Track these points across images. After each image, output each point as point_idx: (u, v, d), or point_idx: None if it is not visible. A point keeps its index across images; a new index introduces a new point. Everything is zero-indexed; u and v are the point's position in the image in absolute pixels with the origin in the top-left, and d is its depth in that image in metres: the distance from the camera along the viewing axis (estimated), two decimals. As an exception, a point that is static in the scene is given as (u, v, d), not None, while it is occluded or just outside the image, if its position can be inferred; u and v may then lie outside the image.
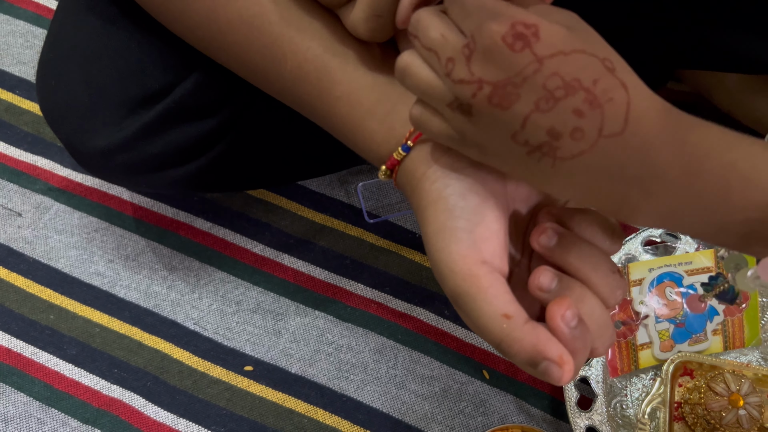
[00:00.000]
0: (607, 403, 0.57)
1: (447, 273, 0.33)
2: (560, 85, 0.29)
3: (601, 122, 0.29)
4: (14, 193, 0.66)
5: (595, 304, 0.34)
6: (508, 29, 0.29)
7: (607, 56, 0.30)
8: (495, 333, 0.32)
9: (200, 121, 0.52)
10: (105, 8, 0.51)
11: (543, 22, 0.30)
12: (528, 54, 0.29)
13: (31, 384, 0.58)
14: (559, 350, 0.32)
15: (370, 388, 0.59)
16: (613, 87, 0.29)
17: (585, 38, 0.30)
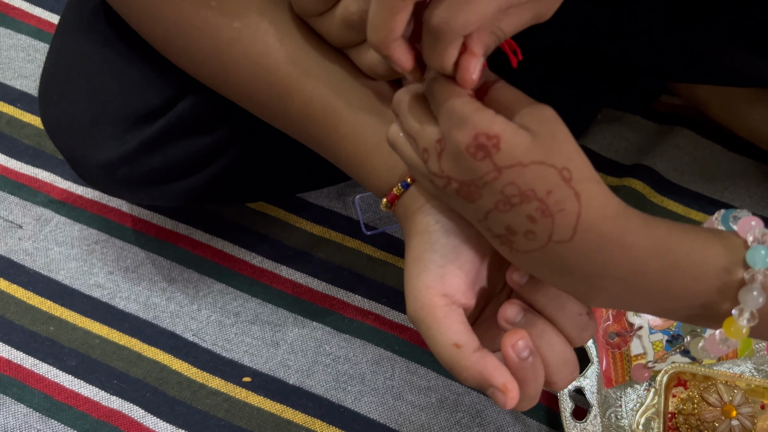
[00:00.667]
0: (602, 413, 0.57)
1: (411, 299, 0.37)
2: (517, 193, 0.32)
3: (551, 229, 0.32)
4: (15, 206, 0.67)
5: (555, 340, 0.36)
6: (471, 140, 0.32)
7: (566, 165, 0.32)
8: (446, 359, 0.36)
9: (201, 136, 0.52)
10: (107, 25, 0.52)
11: (505, 133, 0.32)
12: (488, 163, 0.32)
13: (31, 395, 0.58)
14: (503, 378, 0.35)
15: (367, 399, 0.60)
16: (566, 198, 0.32)
17: (548, 146, 0.32)
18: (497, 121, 0.32)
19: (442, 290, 0.37)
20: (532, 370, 0.36)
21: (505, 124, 0.32)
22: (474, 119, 0.32)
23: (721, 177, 0.70)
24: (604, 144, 0.71)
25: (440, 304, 0.37)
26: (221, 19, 0.44)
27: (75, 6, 0.55)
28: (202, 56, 0.45)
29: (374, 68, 0.42)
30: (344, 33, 0.42)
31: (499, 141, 0.32)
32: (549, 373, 0.37)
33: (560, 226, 0.32)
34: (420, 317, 0.37)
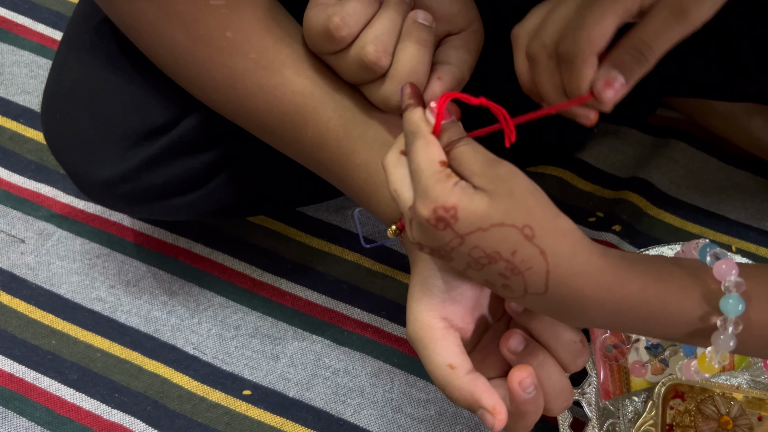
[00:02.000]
0: (600, 425, 0.57)
1: (411, 319, 0.39)
2: (483, 255, 0.33)
3: (524, 285, 0.34)
4: (17, 220, 0.67)
5: (554, 370, 0.38)
6: (431, 214, 0.33)
7: (527, 222, 0.33)
8: (439, 379, 0.38)
9: (202, 154, 0.53)
10: (110, 43, 0.53)
11: (462, 202, 0.33)
12: (450, 232, 0.33)
13: (33, 409, 0.59)
14: (493, 401, 0.37)
15: (366, 412, 0.60)
16: (532, 256, 0.33)
17: (506, 206, 0.33)
18: (454, 192, 0.33)
19: (442, 314, 0.39)
20: (534, 404, 0.38)
21: (461, 193, 0.33)
22: (433, 192, 0.34)
23: (716, 190, 0.71)
24: (600, 157, 0.72)
25: (439, 326, 0.38)
26: (236, 48, 0.45)
27: (78, 23, 0.56)
28: (213, 84, 0.46)
29: (387, 102, 0.43)
30: (359, 72, 0.43)
31: (457, 211, 0.33)
32: (546, 401, 0.38)
33: (532, 282, 0.34)
34: (419, 337, 0.39)
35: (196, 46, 0.45)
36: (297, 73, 0.44)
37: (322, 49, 0.44)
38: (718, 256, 0.35)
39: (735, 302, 0.34)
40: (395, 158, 0.37)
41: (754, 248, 0.68)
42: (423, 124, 0.36)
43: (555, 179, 0.70)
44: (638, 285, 0.34)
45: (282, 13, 0.47)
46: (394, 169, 0.37)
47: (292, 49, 0.45)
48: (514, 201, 0.33)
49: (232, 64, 0.45)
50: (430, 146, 0.35)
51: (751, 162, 0.71)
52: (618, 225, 0.68)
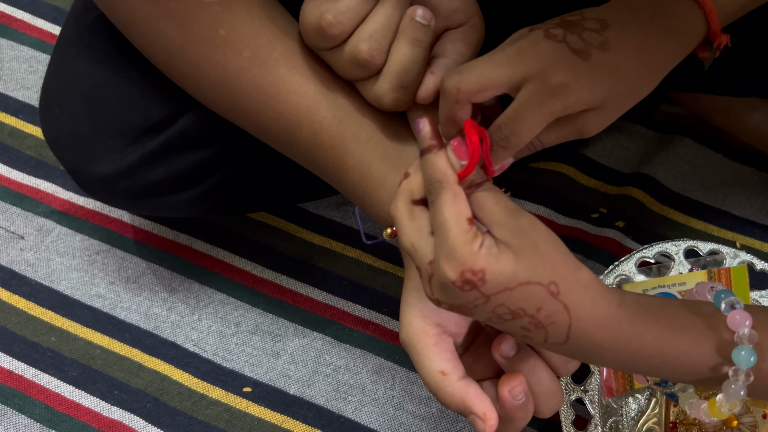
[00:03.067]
0: (603, 423, 0.57)
1: (405, 324, 0.39)
2: (507, 312, 0.34)
3: (545, 337, 0.35)
4: (17, 216, 0.67)
5: (544, 375, 0.39)
6: (458, 276, 0.33)
7: (552, 279, 0.33)
8: (431, 385, 0.38)
9: (201, 150, 0.53)
10: (107, 39, 0.53)
11: (490, 265, 0.33)
12: (476, 293, 0.33)
13: (32, 406, 0.59)
14: (484, 407, 0.38)
15: (368, 409, 0.59)
16: (556, 312, 0.34)
17: (531, 263, 0.33)
18: (482, 255, 0.33)
19: (436, 320, 0.39)
20: (523, 410, 0.38)
21: (488, 255, 0.33)
22: (461, 254, 0.33)
23: (721, 185, 0.70)
24: (604, 153, 0.71)
25: (432, 332, 0.39)
26: (230, 48, 0.44)
27: (75, 18, 0.55)
28: (208, 83, 0.46)
29: (379, 100, 0.42)
30: (353, 70, 0.42)
31: (485, 274, 0.33)
32: (537, 404, 0.39)
33: (553, 334, 0.34)
34: (412, 343, 0.39)
35: (190, 45, 0.45)
36: (291, 72, 0.44)
37: (316, 46, 0.43)
38: (734, 306, 0.36)
39: (747, 354, 0.35)
40: (406, 210, 0.36)
41: (759, 245, 0.67)
42: (450, 173, 0.35)
43: (558, 175, 0.70)
44: (653, 336, 0.35)
45: (277, 9, 0.46)
46: (409, 222, 0.36)
47: (287, 47, 0.44)
48: (539, 257, 0.33)
49: (225, 62, 0.44)
50: (458, 201, 0.34)
51: (756, 157, 0.71)
52: (621, 221, 0.67)
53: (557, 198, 0.69)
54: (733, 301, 0.36)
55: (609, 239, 0.66)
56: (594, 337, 0.34)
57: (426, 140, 0.36)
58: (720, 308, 0.36)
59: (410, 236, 0.36)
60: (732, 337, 0.35)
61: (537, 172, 0.70)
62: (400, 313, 0.40)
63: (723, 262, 0.61)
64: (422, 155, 0.36)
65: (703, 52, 0.42)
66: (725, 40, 0.41)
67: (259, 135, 0.47)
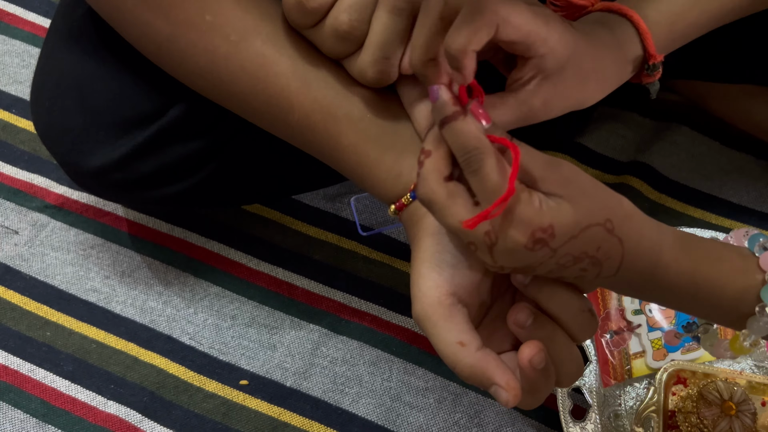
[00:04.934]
0: (601, 412, 0.57)
1: (419, 296, 0.38)
2: (571, 258, 0.35)
3: (599, 271, 0.36)
4: (11, 211, 0.67)
5: (563, 342, 0.38)
6: (529, 238, 0.33)
7: (609, 217, 0.34)
8: (449, 356, 0.37)
9: (193, 141, 0.52)
10: (96, 32, 0.52)
11: (555, 219, 0.34)
12: (546, 250, 0.34)
13: (28, 401, 0.58)
14: (506, 377, 0.37)
15: (365, 401, 0.59)
16: (612, 246, 0.35)
17: (586, 207, 0.34)
18: (545, 212, 0.34)
19: (450, 289, 0.38)
20: (545, 378, 0.37)
21: (549, 210, 0.34)
22: (526, 216, 0.33)
23: (718, 173, 0.70)
24: (601, 141, 0.71)
25: (447, 302, 0.37)
26: (217, 33, 0.44)
27: (64, 13, 0.55)
28: (198, 70, 0.45)
29: (363, 74, 0.41)
30: (336, 44, 0.42)
31: (554, 229, 0.34)
32: (558, 373, 0.38)
33: (607, 268, 0.36)
34: (427, 315, 0.38)
35: (178, 32, 0.44)
36: (278, 53, 0.43)
37: (298, 24, 0.43)
38: (767, 247, 0.37)
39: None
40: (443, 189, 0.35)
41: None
42: (484, 137, 0.34)
43: (554, 164, 0.70)
44: (690, 264, 0.36)
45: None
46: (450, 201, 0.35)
47: (273, 27, 0.44)
48: (591, 199, 0.34)
49: (213, 48, 0.44)
50: (503, 164, 0.34)
51: (754, 145, 0.70)
52: (618, 210, 0.67)
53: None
54: (766, 243, 0.38)
55: (606, 228, 0.66)
56: (640, 266, 0.36)
57: (448, 107, 0.35)
58: (753, 250, 0.38)
59: (456, 214, 0.35)
60: (763, 277, 0.36)
61: (533, 162, 0.70)
62: (412, 286, 0.38)
63: (721, 249, 0.61)
64: (444, 124, 0.35)
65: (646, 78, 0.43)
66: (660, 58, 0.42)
67: (252, 119, 0.46)
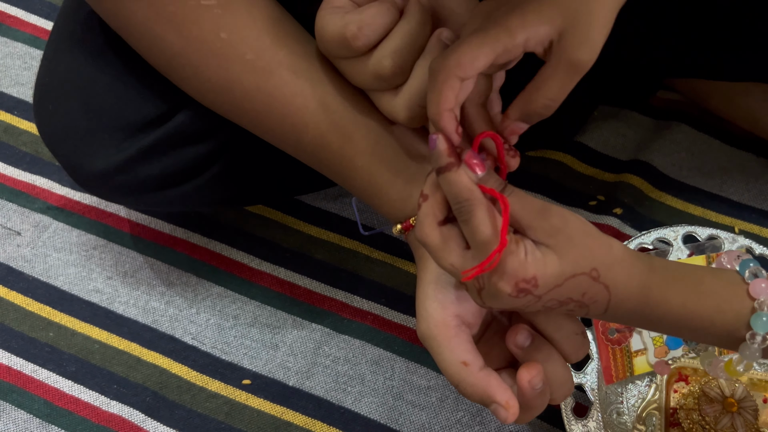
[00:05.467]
0: (603, 409, 0.57)
1: (424, 316, 0.40)
2: (556, 302, 0.36)
3: (587, 311, 0.37)
4: (13, 213, 0.67)
5: (558, 363, 0.40)
6: (513, 288, 0.35)
7: (593, 265, 0.35)
8: (453, 376, 0.39)
9: (196, 145, 0.52)
10: (99, 35, 0.52)
11: (539, 270, 0.35)
12: (530, 297, 0.35)
13: (31, 401, 0.59)
14: (505, 396, 0.38)
15: (367, 400, 0.59)
16: (598, 292, 0.36)
17: (573, 257, 0.35)
18: (530, 263, 0.35)
19: (455, 311, 0.40)
20: (542, 398, 0.39)
21: (535, 261, 0.35)
22: (511, 267, 0.35)
23: (719, 171, 0.70)
24: (602, 141, 0.71)
25: (452, 324, 0.39)
26: (232, 50, 0.44)
27: (67, 15, 0.55)
28: (209, 86, 0.45)
29: (396, 115, 0.42)
30: (372, 82, 0.42)
31: (537, 280, 0.35)
32: (552, 392, 0.40)
33: (594, 310, 0.37)
34: (432, 335, 0.39)
35: (190, 48, 0.44)
36: (295, 74, 0.44)
37: (335, 55, 0.43)
38: (757, 275, 0.38)
39: (766, 320, 0.37)
40: (437, 234, 0.37)
41: (757, 229, 0.67)
42: (475, 189, 0.35)
43: (556, 163, 0.70)
44: (680, 300, 0.37)
45: (279, 12, 0.46)
46: (443, 245, 0.37)
47: (290, 50, 0.44)
48: (578, 249, 0.35)
49: (227, 65, 0.44)
50: (493, 216, 0.35)
51: (754, 143, 0.70)
52: (619, 208, 0.67)
53: (555, 186, 0.68)
54: (756, 270, 0.38)
55: (607, 226, 0.66)
56: (627, 305, 0.37)
57: (443, 158, 0.36)
58: (744, 276, 0.38)
59: (449, 257, 0.36)
60: (752, 304, 0.37)
61: (534, 161, 0.70)
62: (418, 306, 0.40)
63: (721, 246, 0.61)
64: (440, 173, 0.36)
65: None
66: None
67: (263, 136, 0.47)
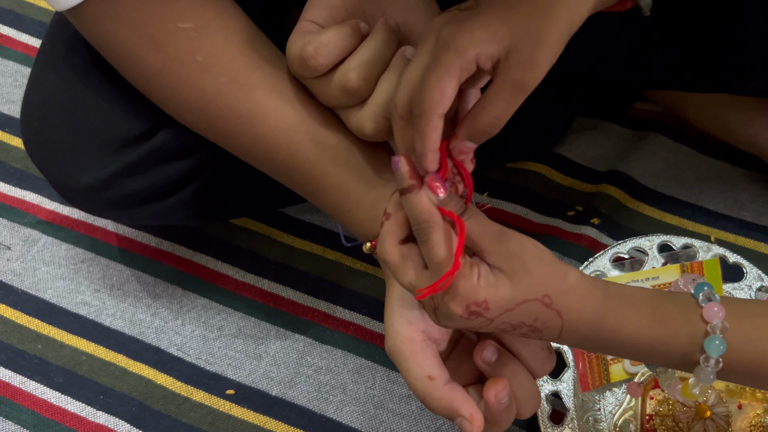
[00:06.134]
0: (579, 417, 0.58)
1: (392, 332, 0.41)
2: (509, 326, 0.37)
3: (541, 336, 0.39)
4: (3, 227, 0.68)
5: (525, 378, 0.41)
6: (464, 310, 0.36)
7: (546, 292, 0.36)
8: (419, 390, 0.40)
9: (179, 161, 0.54)
10: (84, 54, 0.54)
11: (490, 294, 0.36)
12: (482, 319, 0.36)
13: (19, 412, 0.60)
14: (470, 409, 0.39)
15: (349, 409, 0.60)
16: (550, 318, 0.37)
17: (526, 283, 0.36)
18: (482, 287, 0.36)
19: (421, 327, 0.41)
20: (508, 412, 0.40)
21: (487, 285, 0.36)
22: (463, 290, 0.36)
23: (696, 181, 0.71)
24: (580, 152, 0.72)
25: (418, 339, 0.40)
26: (207, 72, 0.45)
27: (53, 34, 0.57)
28: (186, 106, 0.47)
29: (361, 128, 0.43)
30: (339, 97, 0.44)
31: (488, 304, 0.36)
32: (519, 406, 0.41)
33: (548, 335, 0.38)
34: (399, 350, 0.40)
35: (168, 69, 0.46)
36: (268, 96, 0.45)
37: (300, 75, 0.45)
38: (710, 298, 0.38)
39: (718, 344, 0.37)
40: (396, 252, 0.38)
41: (733, 238, 0.68)
42: (434, 211, 0.36)
43: (535, 174, 0.71)
44: (634, 327, 0.38)
45: (255, 34, 0.47)
46: (402, 262, 0.38)
47: (263, 72, 0.46)
48: (531, 276, 0.36)
49: (203, 86, 0.46)
50: (449, 238, 0.36)
51: (731, 153, 0.72)
52: (597, 218, 0.68)
53: (534, 197, 0.70)
54: (709, 294, 0.39)
55: (585, 236, 0.67)
56: (582, 331, 0.38)
57: (405, 180, 0.37)
58: (698, 300, 0.39)
59: (406, 275, 0.38)
60: (705, 327, 0.38)
61: (514, 172, 0.71)
62: (386, 322, 0.41)
63: (696, 255, 0.62)
64: (402, 194, 0.37)
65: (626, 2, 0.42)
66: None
67: (238, 154, 0.48)
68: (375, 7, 0.44)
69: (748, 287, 0.62)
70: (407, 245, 0.38)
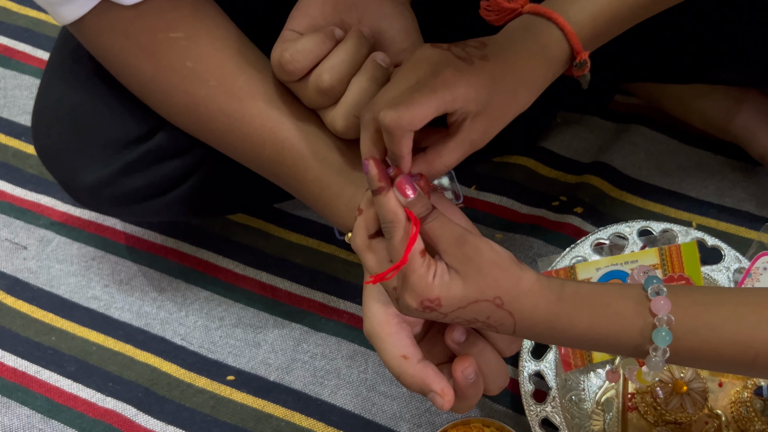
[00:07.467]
0: (562, 395, 0.60)
1: (369, 316, 0.44)
2: (463, 321, 0.41)
3: (497, 330, 0.41)
4: (20, 229, 0.73)
5: (492, 356, 0.44)
6: (419, 305, 0.39)
7: (497, 294, 0.39)
8: (394, 368, 0.43)
9: (175, 159, 0.57)
10: (88, 64, 0.58)
11: (443, 293, 0.39)
12: (436, 313, 0.40)
13: (34, 399, 0.64)
14: (441, 385, 0.42)
15: (343, 392, 0.63)
16: (502, 317, 0.40)
17: (478, 285, 0.39)
18: (435, 286, 0.39)
19: (395, 311, 0.43)
20: (475, 388, 0.43)
21: (441, 284, 0.39)
22: (418, 287, 0.39)
23: (677, 170, 0.73)
24: (564, 145, 0.75)
25: (393, 322, 0.43)
26: (197, 77, 0.49)
27: (60, 47, 0.61)
28: (178, 109, 0.51)
29: (334, 125, 0.47)
30: (316, 97, 0.47)
31: (440, 301, 0.39)
32: (486, 383, 0.44)
33: (503, 331, 0.41)
34: (376, 332, 0.44)
35: (160, 75, 0.50)
36: (254, 98, 0.49)
37: (282, 79, 0.48)
38: (658, 292, 0.41)
39: (665, 335, 0.40)
40: (365, 245, 0.41)
41: (714, 223, 0.70)
42: (400, 212, 0.39)
43: (520, 167, 0.74)
44: (587, 324, 0.41)
45: (241, 41, 0.51)
46: (370, 255, 0.41)
47: (249, 75, 0.49)
48: (484, 279, 0.39)
49: (193, 90, 0.49)
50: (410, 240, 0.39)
51: (710, 142, 0.73)
52: (580, 207, 0.70)
53: (519, 189, 0.72)
54: (657, 288, 0.41)
55: (568, 225, 0.70)
56: (535, 329, 0.41)
57: (374, 182, 0.40)
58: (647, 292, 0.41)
59: (373, 267, 0.41)
60: (653, 320, 0.40)
61: (500, 166, 0.74)
62: (363, 306, 0.44)
63: (674, 239, 0.64)
64: (373, 195, 0.41)
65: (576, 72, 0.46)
66: (586, 55, 0.45)
67: (227, 153, 0.52)
68: (352, 16, 0.48)
69: (726, 269, 0.64)
70: (377, 239, 0.41)
